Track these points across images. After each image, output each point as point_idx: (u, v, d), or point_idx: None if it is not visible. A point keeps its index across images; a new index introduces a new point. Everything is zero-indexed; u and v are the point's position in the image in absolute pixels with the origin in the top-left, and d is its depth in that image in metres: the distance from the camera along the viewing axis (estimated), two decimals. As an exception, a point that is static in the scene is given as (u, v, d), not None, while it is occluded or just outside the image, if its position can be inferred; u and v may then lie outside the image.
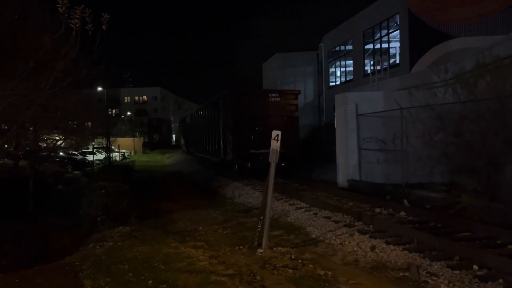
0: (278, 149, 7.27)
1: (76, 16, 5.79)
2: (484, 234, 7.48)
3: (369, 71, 24.15)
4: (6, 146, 11.65)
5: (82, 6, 5.91)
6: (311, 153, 25.35)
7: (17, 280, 6.24)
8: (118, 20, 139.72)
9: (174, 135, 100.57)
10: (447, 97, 9.98)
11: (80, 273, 6.45)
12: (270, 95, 18.96)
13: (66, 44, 6.08)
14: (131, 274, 6.18)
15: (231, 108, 18.44)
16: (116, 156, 40.12)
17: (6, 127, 9.38)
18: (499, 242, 7.11)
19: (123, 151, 47.95)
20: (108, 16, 6.12)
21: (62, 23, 5.81)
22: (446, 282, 5.54)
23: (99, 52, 6.19)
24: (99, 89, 28.92)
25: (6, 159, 14.42)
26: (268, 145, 7.38)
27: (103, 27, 6.11)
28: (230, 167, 19.79)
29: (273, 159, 7.27)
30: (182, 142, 51.77)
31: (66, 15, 5.78)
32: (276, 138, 7.28)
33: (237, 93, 18.80)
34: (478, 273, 5.76)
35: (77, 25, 5.80)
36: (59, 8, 5.80)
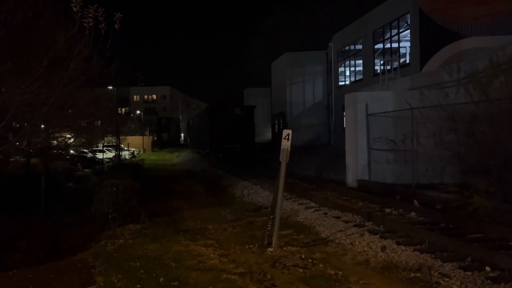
0: (289, 148, 7.26)
1: (89, 15, 5.85)
2: (497, 235, 7.40)
3: (379, 71, 24.00)
4: (18, 143, 11.79)
5: (96, 5, 5.96)
6: (318, 152, 25.33)
7: (30, 276, 6.31)
8: (129, 18, 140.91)
9: (182, 134, 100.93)
10: (459, 97, 9.89)
11: (92, 270, 6.51)
12: (235, 109, 27.85)
13: (79, 43, 6.13)
14: (142, 271, 6.22)
15: (209, 118, 28.00)
16: (125, 154, 40.41)
17: (18, 125, 9.48)
18: (511, 243, 7.03)
19: (133, 149, 48.25)
20: (120, 15, 6.17)
21: (76, 22, 5.87)
22: (458, 283, 5.49)
23: (111, 50, 6.24)
24: (109, 87, 29.12)
25: (18, 156, 14.60)
26: (233, 142, 7.68)
27: (116, 26, 6.16)
28: (210, 156, 29.26)
29: (284, 158, 7.26)
30: (188, 140, 53.93)
31: (79, 14, 5.84)
32: (287, 137, 7.27)
33: (212, 108, 28.85)
34: (491, 274, 5.70)
35: (91, 24, 5.86)
36: (73, 7, 5.86)
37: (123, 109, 78.05)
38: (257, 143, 44.39)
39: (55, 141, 14.18)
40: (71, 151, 21.19)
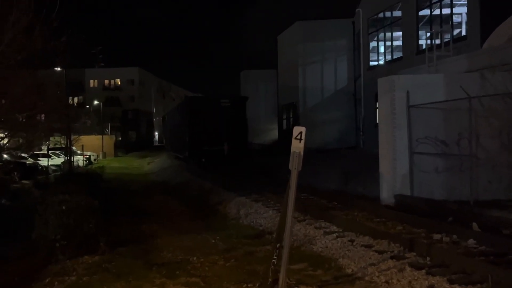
0: (302, 152, 7.25)
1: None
2: None
3: (424, 47, 24.01)
4: None
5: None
6: (341, 158, 25.32)
7: None
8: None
9: (157, 133, 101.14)
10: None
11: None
12: (221, 100, 28.78)
13: (16, 8, 6.15)
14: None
15: (187, 113, 29.04)
16: (79, 160, 40.44)
17: None
18: None
19: (89, 153, 48.30)
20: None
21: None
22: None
23: (60, 19, 6.26)
24: (57, 69, 29.14)
25: None
26: (219, 143, 7.73)
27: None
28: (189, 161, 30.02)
29: (295, 165, 7.24)
30: (164, 142, 54.33)
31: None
32: (299, 137, 7.26)
33: (192, 100, 30.88)
34: None
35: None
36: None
37: (76, 99, 78.11)
38: (257, 144, 44.72)
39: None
40: (5, 156, 21.21)
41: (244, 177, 23.94)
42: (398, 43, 27.83)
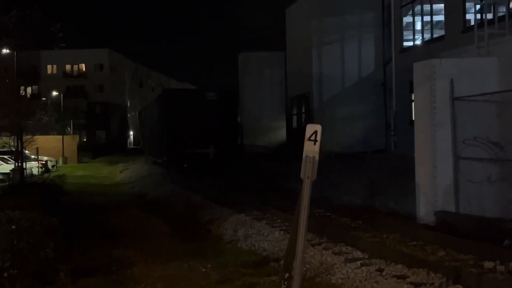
0: (317, 157, 7.26)
1: None
2: None
3: (473, 22, 23.98)
4: None
5: None
6: (367, 164, 25.29)
7: None
8: None
9: (132, 133, 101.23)
10: None
11: None
12: (206, 94, 30.62)
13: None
14: None
15: (165, 109, 30.88)
16: (33, 167, 40.44)
17: None
18: None
19: (45, 158, 48.34)
20: None
21: None
22: None
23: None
24: (5, 51, 29.18)
25: None
26: (204, 145, 7.91)
27: None
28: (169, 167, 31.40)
29: (308, 173, 7.25)
30: (141, 143, 54.99)
31: None
32: (313, 138, 7.26)
33: (170, 93, 32.66)
34: None
35: None
36: None
37: (30, 89, 78.22)
38: (260, 147, 44.74)
39: None
40: None
41: (243, 188, 23.94)
42: (439, 18, 27.79)
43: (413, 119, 15.45)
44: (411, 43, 30.21)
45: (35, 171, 40.85)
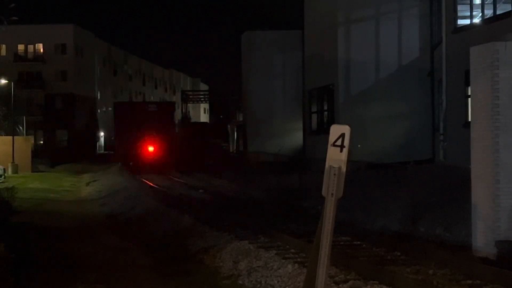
0: (344, 168, 7.21)
1: None
2: None
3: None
4: None
5: None
6: (408, 178, 25.26)
7: None
8: None
9: (103, 133, 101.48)
10: None
11: None
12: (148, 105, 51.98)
13: None
14: None
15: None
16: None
17: None
18: None
19: (-10, 166, 48.47)
20: None
21: None
22: None
23: None
24: None
25: None
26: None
27: None
28: None
29: (331, 189, 7.21)
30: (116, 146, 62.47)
31: None
32: (339, 143, 7.22)
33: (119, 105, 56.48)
34: None
35: None
36: None
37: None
38: (268, 154, 45.06)
39: None
40: None
41: (245, 207, 23.92)
42: (504, -10, 27.81)
43: (470, 120, 15.36)
44: (467, 21, 30.15)
45: (-24, 183, 40.98)
